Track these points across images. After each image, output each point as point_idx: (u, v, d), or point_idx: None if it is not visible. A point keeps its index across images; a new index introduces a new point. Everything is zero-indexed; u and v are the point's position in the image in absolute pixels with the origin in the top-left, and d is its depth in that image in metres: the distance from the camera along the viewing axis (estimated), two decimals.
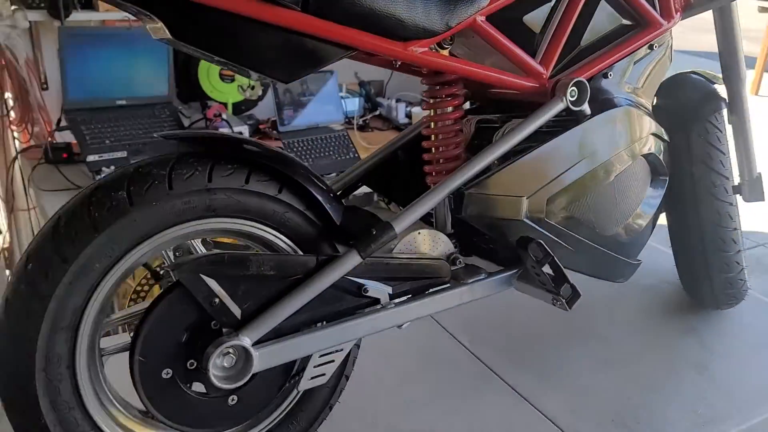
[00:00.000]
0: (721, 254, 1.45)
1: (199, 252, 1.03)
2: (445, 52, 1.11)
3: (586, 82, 1.14)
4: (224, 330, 0.94)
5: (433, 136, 1.19)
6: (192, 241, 1.02)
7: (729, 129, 1.53)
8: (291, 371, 1.03)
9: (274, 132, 3.13)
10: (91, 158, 2.55)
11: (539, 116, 1.12)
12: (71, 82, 2.63)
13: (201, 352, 0.93)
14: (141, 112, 2.82)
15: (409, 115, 3.38)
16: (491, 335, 1.54)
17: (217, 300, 0.92)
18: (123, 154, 2.63)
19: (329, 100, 3.11)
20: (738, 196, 1.60)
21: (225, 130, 2.76)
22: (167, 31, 0.87)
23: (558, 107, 1.13)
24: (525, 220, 1.11)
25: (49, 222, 0.88)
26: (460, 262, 1.15)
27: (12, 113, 3.04)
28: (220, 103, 3.10)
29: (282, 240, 1.01)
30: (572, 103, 1.13)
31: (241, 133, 2.81)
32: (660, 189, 1.33)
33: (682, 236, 1.48)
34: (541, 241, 1.09)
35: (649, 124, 1.26)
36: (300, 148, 2.90)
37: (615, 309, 1.67)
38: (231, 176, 0.95)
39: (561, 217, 1.16)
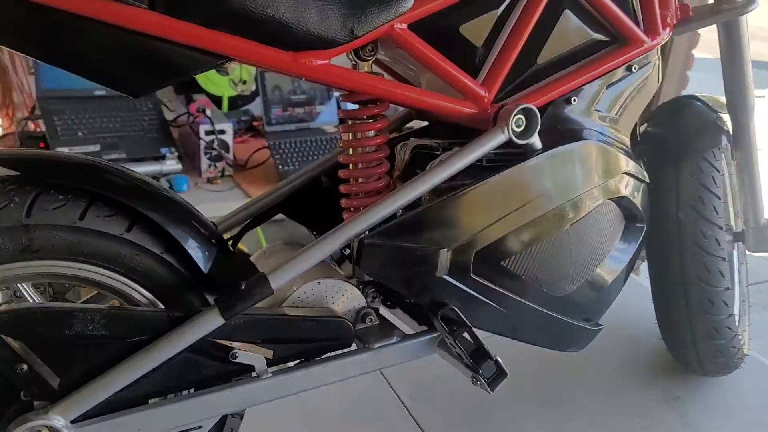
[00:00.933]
0: (708, 318, 1.21)
1: (32, 299, 0.84)
2: (366, 65, 0.90)
3: (536, 109, 0.91)
4: (36, 403, 0.75)
5: (351, 164, 0.98)
6: (21, 285, 0.83)
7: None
8: None
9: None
10: (60, 150, 2.41)
11: (473, 149, 0.90)
12: (46, 68, 2.49)
13: (5, 427, 0.75)
14: (120, 104, 2.67)
15: None
16: (436, 392, 1.33)
17: (24, 366, 0.74)
18: (96, 147, 2.48)
19: (323, 100, 2.92)
20: (741, 244, 1.36)
21: (205, 127, 2.58)
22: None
23: (498, 139, 0.91)
24: (444, 277, 0.90)
25: None
26: (371, 319, 0.95)
27: None
28: (216, 96, 2.95)
29: (137, 290, 0.82)
30: (517, 134, 0.91)
31: (223, 131, 2.63)
32: (634, 239, 1.10)
33: (664, 292, 1.25)
34: (454, 307, 0.87)
35: (623, 162, 1.04)
36: (287, 150, 2.71)
37: (586, 364, 1.44)
38: (60, 210, 0.76)
39: (495, 274, 0.94)
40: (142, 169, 2.38)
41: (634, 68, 1.04)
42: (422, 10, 0.85)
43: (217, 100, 2.95)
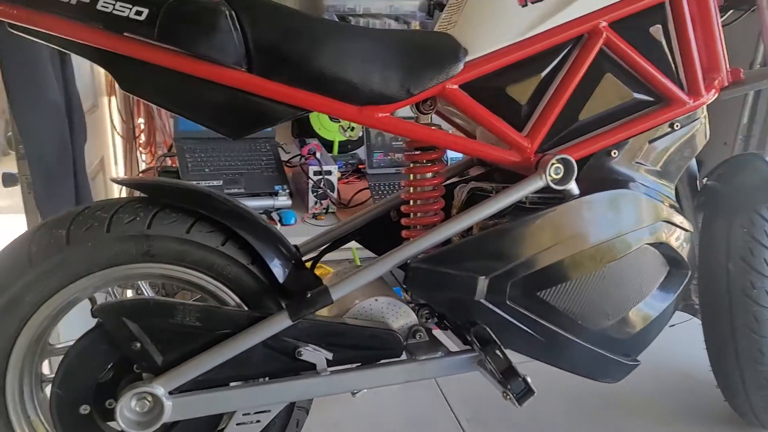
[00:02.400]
0: (759, 368, 1.25)
1: (147, 295, 1.06)
2: (426, 118, 1.07)
3: (573, 160, 1.04)
4: (144, 375, 0.96)
5: (411, 201, 1.15)
6: (141, 283, 1.06)
7: None
8: (216, 427, 1.03)
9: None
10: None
11: (513, 192, 1.04)
12: None
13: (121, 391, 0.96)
14: (243, 145, 2.99)
15: None
16: (493, 416, 1.44)
17: (137, 344, 0.95)
18: (219, 182, 2.79)
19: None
20: None
21: (314, 168, 2.84)
22: (117, 84, 0.92)
23: (537, 184, 1.04)
24: (482, 301, 1.04)
25: None
26: (420, 335, 1.10)
27: (142, 136, 3.36)
28: (327, 140, 3.22)
29: (225, 292, 1.02)
30: (555, 181, 1.04)
31: (330, 171, 2.88)
32: (676, 283, 1.18)
33: (716, 341, 1.30)
34: (486, 326, 1.00)
35: (662, 210, 1.13)
36: (386, 191, 2.91)
37: (648, 406, 1.49)
38: (172, 224, 0.97)
39: (529, 303, 1.06)
40: (257, 204, 2.66)
41: (677, 126, 1.14)
42: (471, 73, 1.02)
43: (328, 144, 3.20)
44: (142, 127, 3.36)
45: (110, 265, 0.96)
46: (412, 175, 1.14)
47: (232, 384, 1.00)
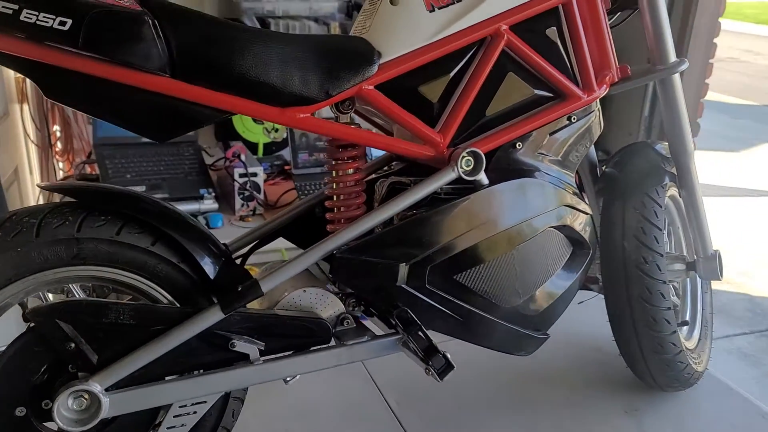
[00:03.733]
0: (652, 333, 1.38)
1: (78, 297, 1.08)
2: (345, 117, 1.14)
3: (481, 152, 1.13)
4: (80, 374, 0.99)
5: (334, 196, 1.21)
6: (72, 286, 1.08)
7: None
8: (154, 420, 1.06)
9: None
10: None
11: (429, 183, 1.13)
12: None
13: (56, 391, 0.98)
14: (165, 149, 2.97)
15: None
16: (421, 398, 1.53)
17: (72, 344, 0.97)
18: (142, 188, 2.77)
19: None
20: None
21: (239, 170, 2.86)
22: (41, 91, 0.94)
23: (450, 176, 1.13)
24: (403, 286, 1.11)
25: None
26: (348, 322, 1.16)
27: (58, 144, 3.28)
28: (252, 143, 3.23)
29: (157, 290, 1.06)
30: (466, 172, 1.13)
31: (255, 173, 2.91)
32: (579, 263, 1.30)
33: (616, 312, 1.43)
34: (407, 309, 1.08)
35: (564, 196, 1.24)
36: (311, 190, 2.97)
37: (556, 376, 1.62)
38: (102, 227, 1.00)
39: (448, 286, 1.15)
40: (183, 208, 2.63)
41: (574, 119, 1.25)
42: (385, 75, 1.09)
43: (252, 147, 3.22)
44: (58, 134, 3.29)
45: (41, 270, 0.98)
46: (334, 172, 1.21)
47: (168, 378, 1.04)
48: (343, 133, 1.11)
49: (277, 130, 3.37)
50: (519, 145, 1.21)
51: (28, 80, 3.19)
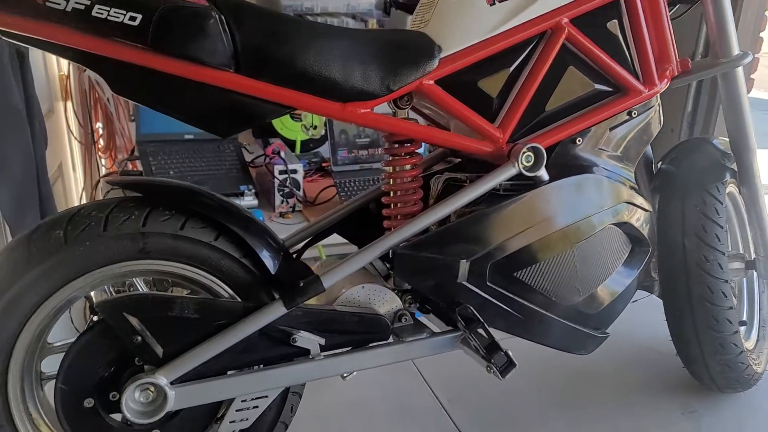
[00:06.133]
0: (714, 334, 1.35)
1: (141, 290, 1.09)
2: (403, 113, 1.13)
3: (542, 148, 1.12)
4: (146, 367, 1.00)
5: (391, 192, 1.21)
6: (135, 279, 1.09)
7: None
8: (216, 413, 1.07)
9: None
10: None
11: (489, 180, 1.11)
12: (144, 116, 2.85)
13: (123, 384, 0.99)
14: (206, 146, 3.00)
15: None
16: (472, 396, 1.51)
17: (138, 338, 0.98)
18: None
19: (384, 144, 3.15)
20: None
21: (279, 167, 2.87)
22: (109, 87, 0.95)
23: (510, 172, 1.12)
24: (464, 283, 1.10)
25: None
26: (406, 319, 1.16)
27: (101, 141, 3.34)
28: (290, 140, 3.25)
29: (219, 285, 1.06)
30: (527, 168, 1.12)
31: (295, 170, 2.91)
32: (638, 260, 1.27)
33: (674, 312, 1.40)
34: (470, 306, 1.07)
35: (624, 193, 1.22)
36: (351, 187, 2.97)
37: (613, 376, 1.59)
38: (166, 222, 1.01)
39: (508, 283, 1.13)
40: None
41: (634, 114, 1.23)
42: (445, 69, 1.08)
43: (290, 144, 3.23)
44: (101, 131, 3.34)
45: (107, 263, 0.99)
46: (391, 168, 1.20)
47: (229, 372, 1.05)
48: (404, 129, 1.10)
49: (315, 128, 3.37)
50: (579, 141, 1.19)
51: (71, 77, 3.25)
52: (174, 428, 1.04)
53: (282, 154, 3.10)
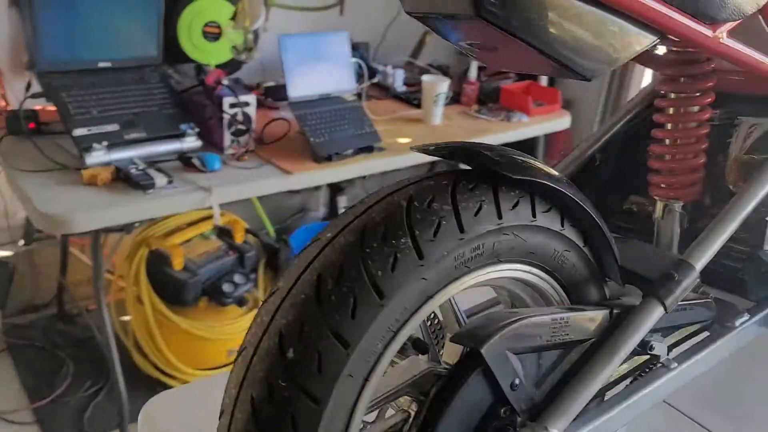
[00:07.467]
0: None
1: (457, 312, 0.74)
2: None
3: None
4: (518, 419, 0.69)
5: (668, 140, 0.96)
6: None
7: None
8: None
9: (268, 100, 2.78)
10: (78, 132, 2.13)
11: None
12: (45, 38, 2.18)
13: None
14: (128, 76, 2.41)
15: (408, 83, 3.08)
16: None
17: (517, 381, 0.67)
18: (115, 127, 2.23)
19: (341, 65, 2.74)
20: None
21: (230, 99, 2.38)
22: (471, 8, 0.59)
23: None
24: None
25: (307, 282, 0.59)
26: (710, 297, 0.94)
27: None
28: (203, 64, 2.70)
29: (551, 286, 0.76)
30: None
31: (247, 103, 2.44)
32: None
33: None
34: None
35: None
36: (313, 123, 2.56)
37: None
38: (518, 208, 0.68)
39: None
40: (162, 149, 2.18)
41: None
42: None
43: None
44: None
45: (458, 277, 0.65)
46: (672, 109, 0.94)
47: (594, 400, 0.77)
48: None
49: (250, 50, 2.87)
50: None
51: None
52: None
53: (226, 82, 2.59)
